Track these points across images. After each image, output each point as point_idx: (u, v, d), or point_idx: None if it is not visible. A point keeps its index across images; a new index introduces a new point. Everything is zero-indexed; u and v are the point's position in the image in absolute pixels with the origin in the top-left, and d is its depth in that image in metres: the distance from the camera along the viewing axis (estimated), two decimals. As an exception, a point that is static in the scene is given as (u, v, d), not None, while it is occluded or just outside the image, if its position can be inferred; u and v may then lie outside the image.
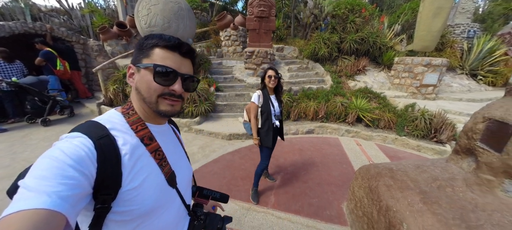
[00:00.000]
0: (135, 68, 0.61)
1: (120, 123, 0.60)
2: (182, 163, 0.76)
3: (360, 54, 7.23)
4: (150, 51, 0.59)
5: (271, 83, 2.13)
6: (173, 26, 5.44)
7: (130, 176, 0.55)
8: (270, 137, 2.22)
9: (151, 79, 0.59)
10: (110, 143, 0.53)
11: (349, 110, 4.73)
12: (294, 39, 9.11)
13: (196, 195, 0.90)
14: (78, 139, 0.50)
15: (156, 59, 0.59)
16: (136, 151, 0.58)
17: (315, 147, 3.95)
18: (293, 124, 4.71)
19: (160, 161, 0.64)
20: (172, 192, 0.68)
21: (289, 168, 3.18)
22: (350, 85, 6.29)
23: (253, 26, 6.55)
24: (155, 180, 0.61)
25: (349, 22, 7.12)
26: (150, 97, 0.60)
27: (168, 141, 0.71)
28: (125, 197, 0.55)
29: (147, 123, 0.65)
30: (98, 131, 0.54)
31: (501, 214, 1.14)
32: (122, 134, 0.58)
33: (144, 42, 0.61)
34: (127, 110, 0.64)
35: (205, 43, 10.36)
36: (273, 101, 2.23)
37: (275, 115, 2.25)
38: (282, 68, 7.12)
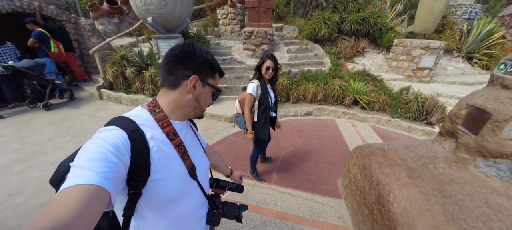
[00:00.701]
0: (201, 82, 0.71)
1: (148, 119, 0.66)
2: (201, 157, 0.84)
3: (360, 35, 7.19)
4: (214, 74, 0.76)
5: (267, 75, 1.99)
6: (170, 4, 5.26)
7: (157, 167, 0.62)
8: (267, 130, 2.15)
9: (210, 97, 0.77)
10: (141, 136, 0.60)
11: (346, 93, 4.89)
12: (294, 18, 8.90)
13: (214, 187, 0.98)
14: (115, 130, 0.56)
15: (216, 83, 0.78)
16: (162, 145, 0.65)
17: (313, 128, 4.16)
18: (292, 106, 4.88)
19: (183, 155, 0.71)
20: (193, 183, 0.75)
21: (289, 148, 3.40)
22: (349, 68, 6.36)
23: (252, 4, 6.36)
24: (178, 171, 0.68)
25: (351, 1, 6.97)
26: (204, 108, 0.77)
27: (188, 137, 0.78)
28: (153, 185, 0.61)
29: (171, 120, 0.71)
30: (130, 125, 0.60)
31: (471, 185, 1.36)
32: (150, 129, 0.64)
33: (213, 64, 0.75)
34: (153, 108, 0.69)
35: (201, 21, 10.03)
36: (270, 91, 2.12)
37: (271, 106, 2.17)
38: (281, 49, 7.08)
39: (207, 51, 0.73)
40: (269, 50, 6.71)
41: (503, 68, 1.56)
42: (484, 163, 1.40)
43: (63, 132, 3.76)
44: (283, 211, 2.20)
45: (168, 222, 0.70)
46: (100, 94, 5.40)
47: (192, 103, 0.73)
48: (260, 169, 2.85)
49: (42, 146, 3.29)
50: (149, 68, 4.93)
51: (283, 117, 4.63)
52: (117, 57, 5.40)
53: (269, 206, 2.25)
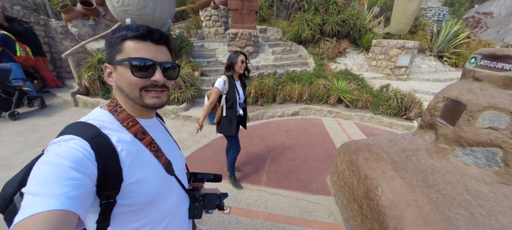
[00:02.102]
0: (111, 67, 0.60)
1: (109, 121, 0.60)
2: (175, 152, 0.79)
3: (341, 37, 7.44)
4: (121, 46, 0.58)
5: (242, 68, 2.02)
6: (150, 5, 5.07)
7: (130, 170, 0.57)
8: (233, 126, 2.14)
9: (129, 74, 0.58)
10: (105, 141, 0.54)
11: (331, 92, 5.01)
12: (277, 20, 9.02)
13: (192, 181, 0.96)
14: (72, 141, 0.49)
15: (130, 52, 0.57)
16: (132, 146, 0.60)
17: (300, 128, 4.20)
18: (279, 106, 4.90)
19: (156, 152, 0.66)
20: (171, 180, 0.72)
21: (277, 148, 3.39)
22: (332, 68, 6.55)
23: (236, 6, 6.34)
24: (154, 170, 0.64)
25: (331, 3, 7.21)
26: (133, 92, 0.60)
27: (159, 133, 0.73)
28: (129, 189, 0.57)
29: (137, 118, 0.65)
30: (90, 130, 0.54)
31: (452, 174, 1.43)
32: (114, 132, 0.58)
33: (112, 38, 0.59)
34: (114, 108, 0.63)
35: (184, 23, 9.82)
36: (238, 88, 2.12)
37: (240, 102, 2.15)
38: (266, 51, 7.12)
39: (120, 29, 0.59)
40: (254, 52, 6.72)
41: (474, 62, 1.67)
42: (462, 152, 1.48)
43: (33, 143, 3.43)
44: (274, 212, 2.17)
45: (151, 225, 0.65)
46: (75, 101, 5.04)
47: (120, 94, 0.63)
48: (248, 170, 2.80)
49: (8, 159, 2.97)
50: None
51: (271, 118, 4.63)
52: (94, 61, 5.09)
53: (260, 209, 2.21)
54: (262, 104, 4.84)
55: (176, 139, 3.59)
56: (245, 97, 2.25)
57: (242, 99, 2.17)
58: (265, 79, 5.22)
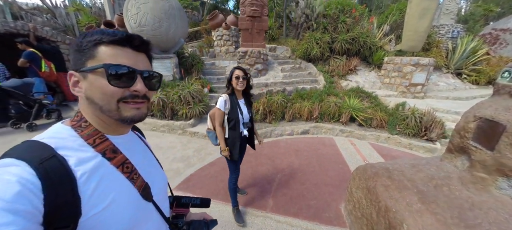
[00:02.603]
0: (79, 75, 0.51)
1: (70, 138, 0.50)
2: (155, 172, 0.68)
3: (351, 54, 7.36)
4: (94, 51, 0.50)
5: (239, 85, 1.85)
6: (164, 26, 5.32)
7: (92, 199, 0.47)
8: (236, 149, 1.94)
9: (105, 83, 0.50)
10: (59, 165, 0.44)
11: (342, 110, 4.80)
12: (287, 39, 9.16)
13: (175, 206, 0.84)
14: (10, 168, 0.40)
15: (105, 59, 0.50)
16: (97, 169, 0.50)
17: (310, 147, 3.98)
18: (288, 124, 4.73)
19: (130, 174, 0.56)
20: (148, 207, 0.61)
21: (286, 169, 3.18)
22: (343, 85, 6.39)
23: (246, 26, 6.51)
24: (127, 196, 0.54)
25: (340, 22, 7.24)
26: (109, 104, 0.52)
27: (135, 151, 0.63)
28: (91, 224, 0.46)
29: (107, 134, 0.56)
30: (39, 153, 0.44)
31: (497, 212, 1.18)
32: (74, 152, 0.48)
33: (82, 42, 0.50)
34: (78, 122, 0.54)
35: (197, 43, 10.22)
36: (242, 106, 1.96)
37: (244, 122, 1.97)
38: (276, 68, 7.13)
39: (93, 33, 0.51)
40: (263, 69, 6.75)
41: (508, 76, 1.47)
42: (507, 184, 1.24)
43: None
44: (281, 244, 1.94)
45: None
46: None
47: (89, 107, 0.53)
48: (253, 192, 2.60)
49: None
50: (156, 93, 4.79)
51: (279, 136, 4.46)
52: (108, 78, 5.26)
53: (266, 238, 1.98)
54: (271, 122, 4.70)
55: (181, 156, 3.53)
56: (251, 116, 2.06)
57: (246, 119, 1.99)
58: (274, 96, 5.14)
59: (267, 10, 6.47)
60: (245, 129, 2.01)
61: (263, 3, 6.33)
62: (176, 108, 4.52)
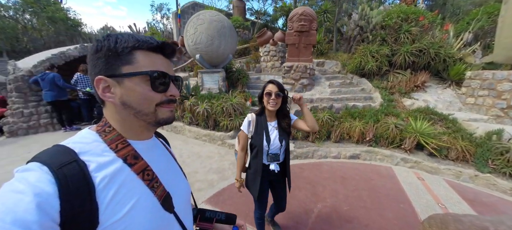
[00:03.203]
0: (112, 81, 0.50)
1: (94, 143, 0.50)
2: (178, 182, 0.66)
3: (417, 68, 6.22)
4: (131, 57, 0.50)
5: (270, 104, 1.47)
6: (216, 43, 5.74)
7: (110, 207, 0.46)
8: (257, 184, 1.54)
9: (146, 89, 0.52)
10: (78, 171, 0.43)
11: (405, 134, 3.96)
12: (337, 53, 8.58)
13: (198, 219, 0.80)
14: (28, 175, 0.40)
15: (145, 65, 0.51)
16: (117, 174, 0.49)
17: (361, 175, 3.36)
18: (334, 146, 4.20)
19: (151, 182, 0.54)
20: (169, 218, 0.58)
21: (328, 199, 2.72)
22: (406, 104, 5.37)
23: (293, 41, 6.42)
24: (146, 205, 0.52)
25: (403, 32, 6.29)
26: (148, 108, 0.53)
27: (158, 158, 0.62)
28: None
29: (130, 139, 0.55)
30: (61, 157, 0.44)
31: None
32: (95, 157, 0.48)
33: (116, 47, 0.49)
34: (102, 127, 0.54)
35: (245, 59, 10.75)
36: (271, 131, 1.55)
37: (270, 153, 1.54)
38: (323, 84, 6.67)
39: (126, 37, 0.51)
40: (309, 84, 6.41)
41: None
42: None
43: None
44: None
45: None
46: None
47: (123, 112, 0.53)
48: (285, 222, 2.27)
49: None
50: (190, 99, 5.21)
51: (323, 158, 3.97)
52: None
53: None
54: (314, 141, 4.28)
55: (217, 167, 3.49)
56: (285, 146, 1.59)
57: (275, 149, 1.54)
58: (319, 113, 4.72)
59: (316, 24, 6.24)
60: (273, 163, 1.56)
61: (312, 18, 6.14)
62: (218, 120, 4.67)
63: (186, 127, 5.08)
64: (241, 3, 13.56)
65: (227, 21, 5.98)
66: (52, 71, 4.92)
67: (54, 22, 9.90)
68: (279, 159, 1.59)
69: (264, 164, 1.58)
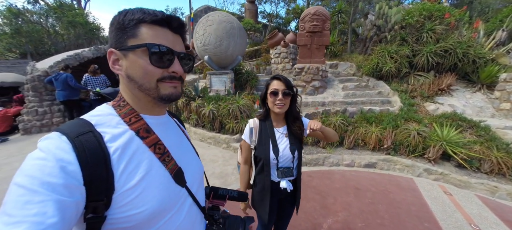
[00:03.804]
0: (120, 53, 0.52)
1: (109, 117, 0.53)
2: (190, 159, 0.67)
3: (442, 70, 5.70)
4: (136, 30, 0.51)
5: (277, 105, 1.19)
6: (224, 44, 5.63)
7: (124, 176, 0.48)
8: (265, 205, 1.26)
9: (146, 62, 0.52)
10: (94, 140, 0.47)
11: (429, 143, 3.54)
12: (351, 55, 8.18)
13: (211, 197, 0.82)
14: (51, 142, 0.43)
15: (147, 38, 0.51)
16: (129, 145, 0.51)
17: (378, 187, 3.01)
18: (347, 152, 3.86)
19: (162, 156, 0.56)
20: (181, 192, 0.59)
21: (340, 213, 2.43)
22: (429, 109, 4.90)
23: (304, 42, 6.18)
24: (157, 177, 0.53)
25: (425, 31, 5.81)
26: (149, 83, 0.53)
27: (170, 134, 0.63)
28: (122, 200, 0.47)
29: (142, 114, 0.57)
30: (79, 128, 0.47)
31: None
32: (110, 129, 0.51)
33: (124, 20, 0.51)
34: (118, 102, 0.57)
35: (255, 61, 10.61)
36: (280, 140, 1.26)
37: (280, 167, 1.24)
38: (336, 86, 6.32)
39: (133, 11, 0.51)
40: (321, 87, 6.10)
41: None
42: None
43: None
44: None
45: None
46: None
47: (129, 85, 0.55)
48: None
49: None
50: (196, 100, 5.12)
51: (335, 166, 3.66)
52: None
53: None
54: (325, 147, 3.97)
55: (219, 172, 3.29)
56: (298, 157, 1.28)
57: (285, 162, 1.24)
58: (331, 117, 4.40)
59: (329, 24, 5.95)
60: (284, 179, 1.24)
61: (325, 18, 5.86)
62: (224, 122, 4.51)
63: (192, 128, 4.97)
64: (253, 6, 13.50)
65: (236, 22, 5.87)
66: (65, 72, 5.05)
67: (74, 26, 10.44)
68: (292, 174, 1.25)
69: (272, 181, 1.27)
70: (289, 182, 1.26)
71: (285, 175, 1.23)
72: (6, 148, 4.35)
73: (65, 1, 11.95)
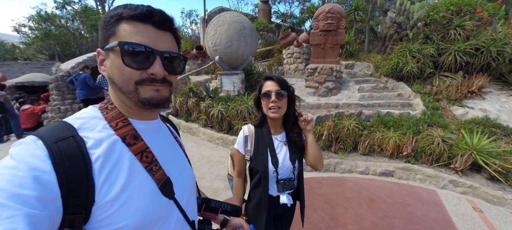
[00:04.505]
0: (104, 53, 0.50)
1: (94, 120, 0.49)
2: (181, 168, 0.63)
3: (472, 70, 5.16)
4: (115, 28, 0.47)
5: (271, 110, 1.06)
6: (235, 44, 5.58)
7: (105, 186, 0.44)
8: (261, 221, 1.12)
9: (120, 63, 0.46)
10: (74, 146, 0.42)
11: (456, 151, 3.18)
12: (369, 54, 7.75)
13: (203, 209, 0.78)
14: (24, 148, 0.39)
15: (125, 36, 0.46)
16: (112, 152, 0.46)
17: (395, 198, 2.75)
18: (361, 159, 3.60)
19: (149, 165, 0.51)
20: (168, 204, 0.54)
21: (350, 226, 2.23)
22: (456, 114, 4.45)
23: (318, 41, 5.95)
24: (142, 188, 0.48)
25: (453, 28, 5.30)
26: (127, 85, 0.48)
27: (160, 141, 0.59)
28: (102, 214, 0.43)
29: (131, 118, 0.53)
30: (58, 133, 0.43)
31: None
32: (94, 134, 0.46)
33: (106, 17, 0.48)
34: (105, 104, 0.53)
35: (267, 61, 10.50)
36: (278, 148, 1.13)
37: (279, 178, 1.11)
38: (351, 88, 6.01)
39: (117, 7, 0.47)
40: (335, 88, 5.82)
41: None
42: None
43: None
44: None
45: None
46: (167, 121, 6.08)
47: (114, 88, 0.51)
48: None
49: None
50: (206, 100, 5.12)
51: (347, 172, 3.42)
52: (186, 89, 6.02)
53: None
54: (337, 152, 3.74)
55: (224, 174, 3.15)
56: (299, 167, 1.16)
57: (286, 172, 1.12)
58: (345, 120, 4.15)
59: (344, 22, 5.67)
60: (284, 193, 1.11)
61: (340, 15, 5.59)
62: (233, 123, 4.45)
63: (201, 128, 4.98)
64: (267, 6, 13.39)
65: (247, 22, 5.80)
66: (84, 72, 5.32)
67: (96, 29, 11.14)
68: (293, 185, 1.12)
69: (270, 195, 1.13)
70: (289, 196, 1.13)
71: (285, 188, 1.11)
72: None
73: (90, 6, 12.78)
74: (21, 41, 13.28)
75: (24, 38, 12.42)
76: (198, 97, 5.59)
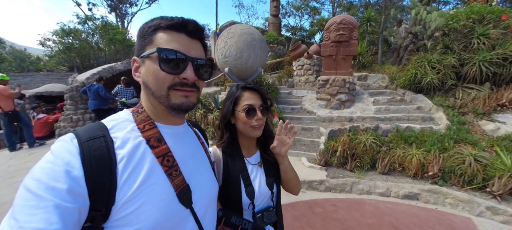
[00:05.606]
0: (139, 60, 0.53)
1: (125, 122, 0.53)
2: (203, 176, 0.62)
3: (501, 82, 4.76)
4: (153, 37, 0.51)
5: (256, 129, 0.86)
6: (244, 56, 5.55)
7: (126, 186, 0.45)
8: None
9: (157, 68, 0.50)
10: (103, 145, 0.45)
11: (492, 172, 2.80)
12: (383, 66, 7.47)
13: (222, 223, 0.72)
14: (62, 145, 0.43)
15: (161, 43, 0.50)
16: (136, 153, 0.48)
17: (423, 227, 2.40)
18: (381, 178, 3.27)
19: (169, 169, 0.52)
20: (184, 212, 0.53)
21: (373, 258, 1.93)
22: (486, 129, 4.03)
23: (329, 53, 5.80)
24: (159, 192, 0.49)
25: (476, 37, 4.97)
26: (160, 90, 0.52)
27: (184, 146, 0.59)
28: (119, 214, 0.45)
29: (157, 122, 0.55)
30: (92, 132, 0.47)
31: None
32: (123, 134, 0.49)
33: (144, 28, 0.53)
34: (137, 108, 0.57)
35: (277, 73, 10.43)
36: (252, 173, 0.90)
37: (255, 210, 0.87)
38: (365, 100, 5.72)
39: (154, 19, 0.52)
40: (348, 101, 5.57)
41: None
42: None
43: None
44: None
45: None
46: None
47: (145, 92, 0.55)
48: None
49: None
50: (214, 112, 5.02)
51: (365, 194, 3.10)
52: (200, 100, 5.99)
53: None
54: (353, 170, 3.44)
55: None
56: (277, 190, 0.95)
57: (265, 200, 0.91)
58: (360, 135, 3.87)
59: (356, 33, 5.51)
60: (264, 223, 0.88)
61: (353, 26, 5.45)
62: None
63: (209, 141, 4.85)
64: (277, 19, 13.57)
65: (257, 34, 5.78)
66: (99, 83, 5.44)
67: (114, 43, 11.70)
68: (273, 216, 0.89)
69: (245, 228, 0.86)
70: (271, 227, 0.91)
71: (265, 220, 0.87)
72: (42, 151, 4.72)
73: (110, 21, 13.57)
74: (45, 53, 14.20)
75: (48, 51, 13.28)
76: (206, 109, 5.52)
